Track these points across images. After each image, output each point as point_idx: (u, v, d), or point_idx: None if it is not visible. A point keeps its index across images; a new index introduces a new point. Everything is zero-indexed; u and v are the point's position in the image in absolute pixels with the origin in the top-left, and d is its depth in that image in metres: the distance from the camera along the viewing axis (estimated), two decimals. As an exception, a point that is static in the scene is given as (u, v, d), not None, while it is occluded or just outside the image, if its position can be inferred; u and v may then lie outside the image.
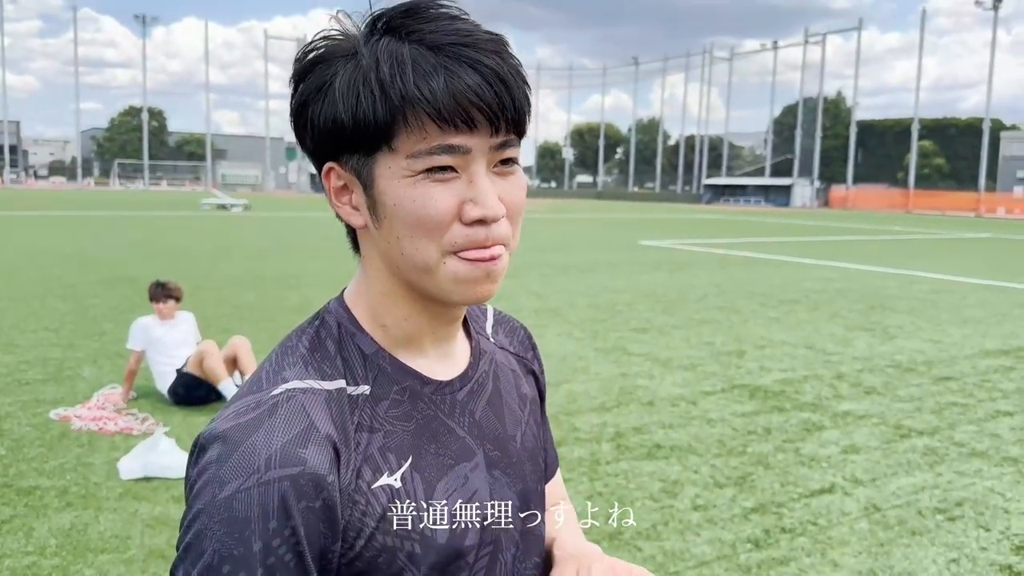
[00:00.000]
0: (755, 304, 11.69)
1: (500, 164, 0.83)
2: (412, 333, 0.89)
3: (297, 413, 0.80)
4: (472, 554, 0.88)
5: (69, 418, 5.53)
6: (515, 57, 0.81)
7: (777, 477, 4.80)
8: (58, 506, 4.14)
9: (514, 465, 0.95)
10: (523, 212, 0.86)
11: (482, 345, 1.00)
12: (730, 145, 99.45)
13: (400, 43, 0.78)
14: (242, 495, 0.75)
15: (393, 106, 0.76)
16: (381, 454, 0.83)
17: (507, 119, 0.79)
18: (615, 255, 19.24)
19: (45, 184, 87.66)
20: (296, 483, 0.76)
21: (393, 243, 0.82)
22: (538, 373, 1.11)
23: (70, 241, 19.16)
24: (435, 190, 0.79)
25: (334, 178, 0.84)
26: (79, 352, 7.54)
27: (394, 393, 0.87)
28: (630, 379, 7.07)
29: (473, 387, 0.94)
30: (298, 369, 0.84)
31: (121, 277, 12.73)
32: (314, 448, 0.78)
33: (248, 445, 0.77)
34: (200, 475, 0.78)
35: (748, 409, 6.23)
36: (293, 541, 0.76)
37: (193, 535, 0.77)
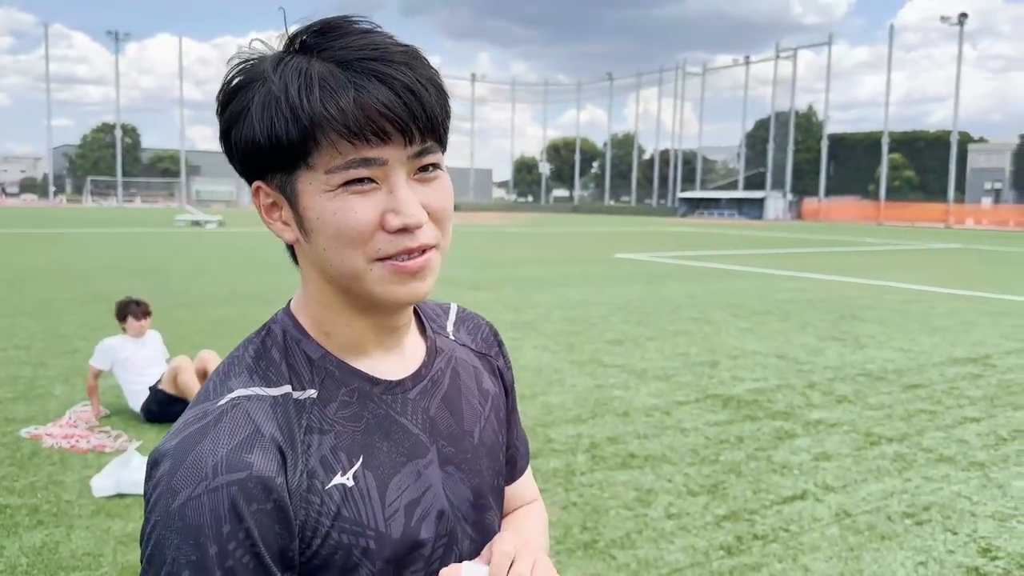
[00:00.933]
0: (728, 315, 11.80)
1: (421, 171, 0.85)
2: (356, 339, 0.92)
3: (242, 420, 0.82)
4: (427, 547, 0.90)
5: (40, 436, 5.47)
6: (429, 67, 0.83)
7: (749, 485, 4.85)
8: (29, 524, 4.10)
9: (469, 461, 0.98)
10: (450, 214, 0.89)
11: (439, 343, 1.03)
12: (704, 159, 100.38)
13: (311, 62, 0.80)
14: (193, 503, 0.77)
15: (303, 127, 0.79)
16: (333, 454, 0.86)
17: (420, 128, 0.82)
18: (590, 268, 19.33)
19: (16, 201, 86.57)
20: (244, 487, 0.78)
21: (322, 255, 0.85)
22: (503, 369, 1.13)
23: (41, 258, 18.94)
24: (354, 202, 0.81)
25: (262, 196, 0.87)
26: (50, 370, 7.46)
27: (342, 395, 0.89)
28: (605, 390, 7.11)
29: (427, 385, 0.97)
30: (243, 378, 0.87)
31: (94, 294, 12.60)
32: (259, 452, 0.80)
33: (195, 454, 0.79)
34: (154, 489, 0.80)
35: (721, 418, 6.30)
36: (248, 543, 0.78)
37: (153, 546, 0.79)
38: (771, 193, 78.80)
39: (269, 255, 21.52)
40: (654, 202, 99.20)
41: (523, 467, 1.17)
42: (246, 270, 17.15)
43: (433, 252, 0.87)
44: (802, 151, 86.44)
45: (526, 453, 1.18)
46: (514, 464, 1.15)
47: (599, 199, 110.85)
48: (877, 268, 20.96)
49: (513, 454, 1.14)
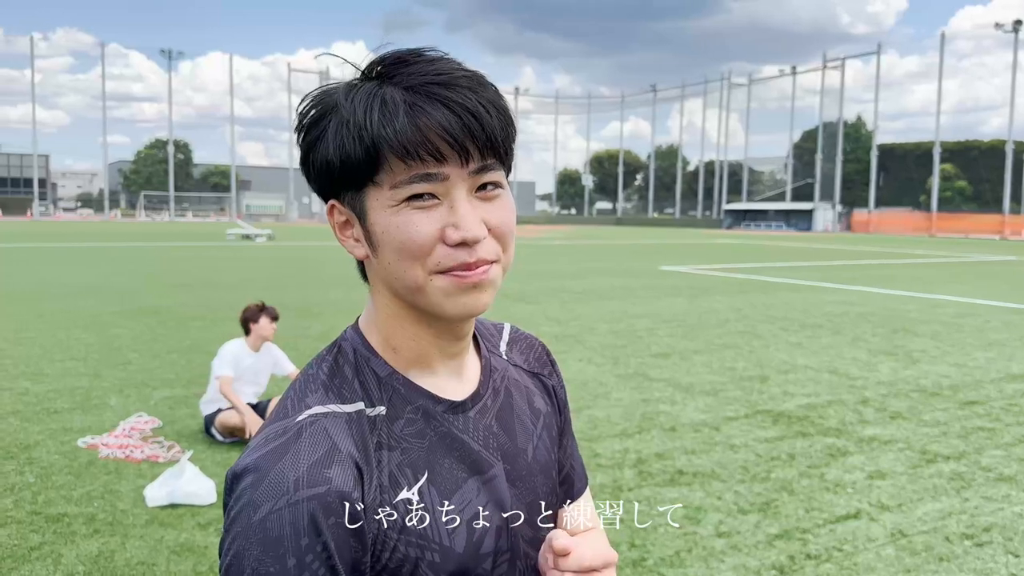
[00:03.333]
0: (777, 329, 11.63)
1: (482, 188, 0.88)
2: (421, 353, 0.95)
3: (320, 436, 0.86)
4: (488, 561, 0.93)
5: (97, 446, 5.60)
6: (493, 92, 0.88)
7: (802, 503, 4.76)
8: (86, 533, 4.19)
9: (524, 478, 1.00)
10: (512, 230, 0.92)
11: (493, 363, 1.05)
12: (750, 170, 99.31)
13: (380, 88, 0.85)
14: (274, 516, 0.80)
15: (367, 146, 0.84)
16: (399, 470, 0.89)
17: (479, 148, 0.85)
18: (635, 281, 19.22)
19: (73, 216, 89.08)
20: (323, 501, 0.81)
21: (387, 268, 0.89)
22: (556, 387, 1.14)
23: (96, 272, 19.45)
24: (416, 217, 0.86)
25: (336, 214, 0.92)
26: (105, 381, 7.64)
27: (408, 412, 0.93)
28: (652, 405, 7.05)
29: (484, 404, 0.99)
30: (319, 395, 0.90)
31: (145, 308, 12.90)
32: (338, 468, 0.84)
33: (277, 470, 0.82)
34: (236, 502, 0.84)
35: (771, 434, 6.19)
36: (325, 556, 0.81)
37: (232, 557, 0.82)
38: (820, 204, 77.66)
39: (316, 269, 21.81)
40: (699, 214, 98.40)
41: (581, 489, 1.17)
42: (294, 283, 17.40)
43: (493, 267, 0.90)
44: (851, 162, 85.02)
45: (583, 475, 1.19)
46: (572, 484, 1.15)
47: (643, 211, 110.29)
48: (930, 281, 20.49)
49: (569, 473, 1.15)
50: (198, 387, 7.12)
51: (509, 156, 0.90)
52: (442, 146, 0.84)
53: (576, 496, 1.16)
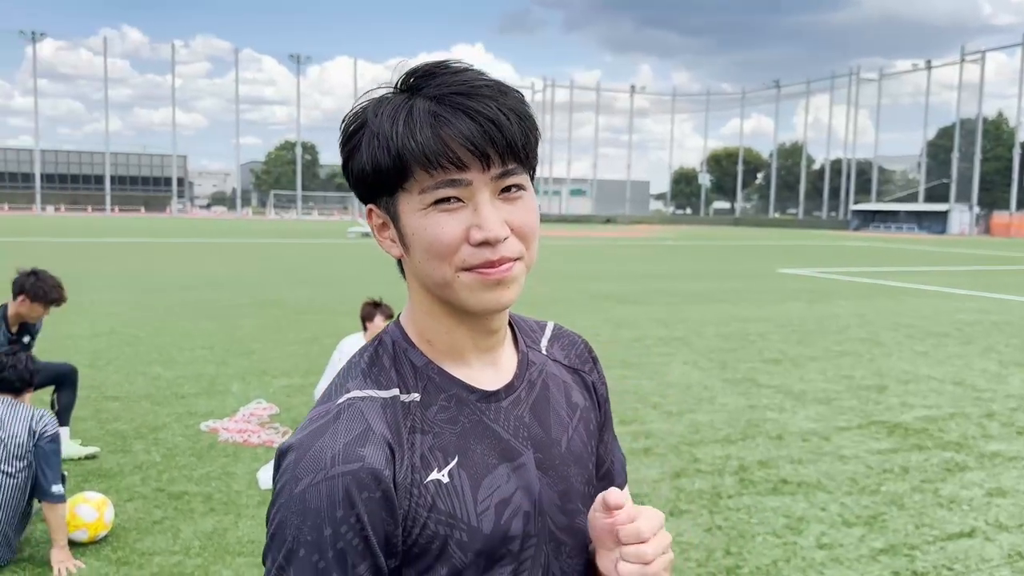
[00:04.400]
0: (901, 336, 11.10)
1: (505, 191, 0.93)
2: (455, 346, 1.01)
3: (357, 418, 0.93)
4: (516, 543, 0.97)
5: (217, 430, 5.95)
6: (515, 99, 0.92)
7: (912, 518, 4.55)
8: (203, 511, 4.47)
9: (557, 467, 1.04)
10: (534, 229, 0.96)
11: (531, 357, 1.09)
12: (880, 169, 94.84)
13: (408, 100, 0.91)
14: (313, 489, 0.88)
15: (393, 156, 0.90)
16: (431, 452, 0.95)
17: (499, 153, 0.90)
18: (750, 283, 18.72)
19: (207, 213, 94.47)
20: (357, 477, 0.88)
21: (419, 266, 0.95)
22: (597, 384, 1.18)
23: (226, 267, 20.57)
24: (442, 219, 0.91)
25: (374, 217, 0.99)
26: (230, 369, 8.09)
27: (441, 400, 0.98)
28: (758, 411, 6.87)
29: (519, 395, 1.04)
30: (358, 381, 0.98)
31: (270, 300, 13.55)
32: (371, 447, 0.90)
33: (317, 447, 0.90)
34: (281, 476, 0.92)
35: (885, 446, 5.93)
36: (359, 527, 0.88)
37: (276, 525, 0.90)
38: (955, 206, 73.37)
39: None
40: (823, 214, 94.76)
41: (620, 484, 1.20)
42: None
43: (516, 264, 0.94)
44: (990, 160, 79.82)
45: (622, 472, 1.22)
46: (611, 480, 1.18)
47: (763, 211, 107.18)
48: (1077, 289, 19.01)
49: (610, 469, 1.19)
50: (315, 376, 7.45)
51: (531, 159, 0.94)
52: (463, 154, 0.89)
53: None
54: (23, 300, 4.98)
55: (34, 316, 5.06)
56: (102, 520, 4.00)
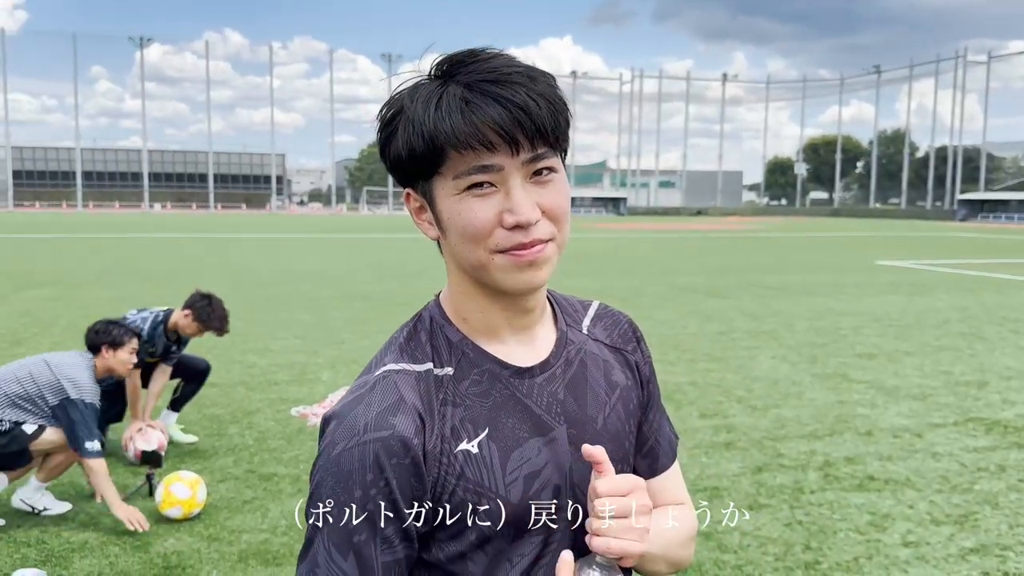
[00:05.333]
0: (1006, 331, 10.56)
1: (536, 174, 0.96)
2: (490, 324, 1.05)
3: (390, 389, 0.99)
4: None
5: (307, 416, 6.18)
6: (546, 84, 0.95)
7: (1006, 518, 4.35)
8: (291, 492, 4.67)
9: (591, 442, 1.05)
10: (565, 211, 0.99)
11: (570, 336, 1.12)
12: (989, 156, 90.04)
13: (441, 86, 0.94)
14: (347, 453, 0.95)
15: (427, 139, 0.93)
16: (461, 424, 1.00)
17: (528, 138, 0.93)
18: (845, 276, 18.12)
19: (304, 210, 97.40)
20: (387, 443, 0.94)
21: (455, 248, 1.00)
22: (640, 363, 1.19)
23: (320, 261, 21.21)
24: (475, 204, 0.95)
25: (412, 201, 1.03)
26: (320, 358, 8.37)
27: (474, 374, 1.03)
28: (848, 407, 6.68)
29: (553, 372, 1.07)
30: (395, 355, 1.04)
31: (359, 293, 13.92)
32: (402, 416, 0.96)
33: (353, 415, 0.97)
34: (322, 441, 0.99)
35: (982, 444, 5.68)
36: (387, 491, 0.94)
37: (315, 484, 0.98)
38: (1073, 194, 68.97)
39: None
40: (928, 204, 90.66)
41: (665, 464, 1.21)
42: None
43: (548, 245, 0.97)
44: (1116, 145, 74.67)
45: (670, 451, 1.22)
46: (655, 458, 1.19)
47: (863, 201, 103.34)
48: None
49: (654, 447, 1.19)
50: (397, 367, 7.63)
51: (562, 142, 0.97)
52: (493, 138, 0.92)
53: (660, 471, 1.20)
54: (187, 316, 5.16)
55: (190, 333, 5.25)
56: (195, 498, 4.22)
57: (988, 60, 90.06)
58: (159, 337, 5.23)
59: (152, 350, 5.23)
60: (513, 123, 0.92)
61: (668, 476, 1.21)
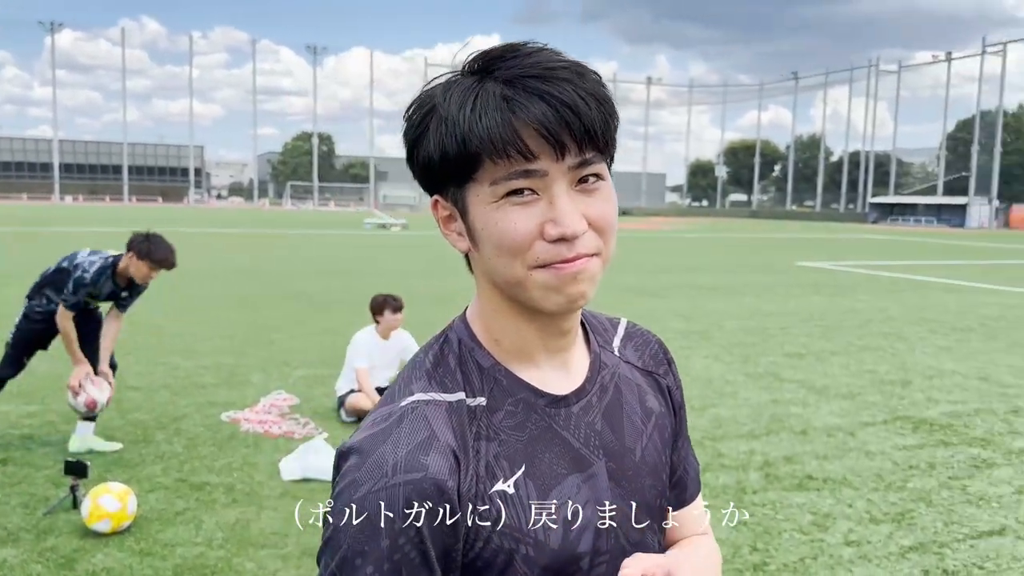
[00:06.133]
0: (924, 331, 10.97)
1: (582, 182, 0.87)
2: (524, 346, 0.95)
3: (421, 423, 0.87)
4: (586, 560, 0.91)
5: (238, 420, 5.95)
6: (594, 82, 0.85)
7: (940, 515, 4.48)
8: (225, 502, 4.46)
9: (630, 478, 0.97)
10: (613, 223, 0.89)
11: (603, 359, 1.02)
12: (899, 162, 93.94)
13: (478, 83, 0.85)
14: (372, 496, 0.83)
15: (460, 143, 0.83)
16: (496, 461, 0.89)
17: (576, 141, 0.83)
18: (769, 277, 18.59)
19: (224, 204, 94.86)
20: (419, 487, 0.83)
21: (488, 263, 0.89)
22: (672, 388, 1.11)
23: (245, 257, 20.64)
24: (514, 213, 0.85)
25: (440, 209, 0.93)
26: (250, 359, 8.09)
27: (508, 404, 0.92)
28: (782, 406, 6.80)
29: (590, 400, 0.97)
30: (423, 383, 0.92)
31: (289, 292, 13.57)
32: (435, 455, 0.85)
33: (379, 453, 0.85)
34: (341, 479, 0.87)
35: (911, 442, 5.86)
36: (417, 540, 0.83)
37: (333, 530, 0.86)
38: (975, 199, 72.62)
39: (450, 259, 22.29)
40: (841, 207, 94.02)
41: (693, 494, 1.13)
42: (427, 272, 17.87)
43: (593, 260, 0.88)
44: (1011, 154, 78.90)
45: (696, 480, 1.15)
46: (684, 488, 1.11)
47: (780, 203, 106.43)
48: (1102, 283, 18.75)
49: (682, 477, 1.11)
50: (334, 368, 7.44)
51: (611, 147, 0.88)
52: (535, 143, 0.82)
53: (688, 501, 1.12)
54: (131, 257, 4.99)
55: (140, 275, 5.04)
56: (125, 510, 3.99)
57: (899, 70, 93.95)
58: (105, 281, 5.03)
59: (95, 293, 5.02)
60: (560, 123, 0.82)
61: (695, 506, 1.13)
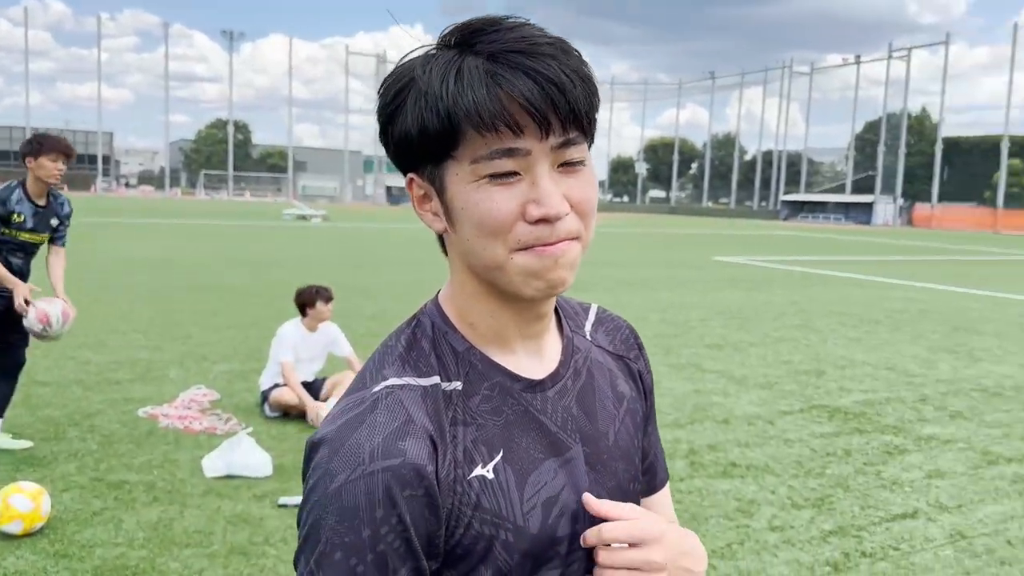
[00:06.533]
0: (834, 323, 11.40)
1: (565, 163, 0.85)
2: (499, 330, 0.93)
3: (396, 408, 0.85)
4: (563, 545, 0.90)
5: (157, 416, 5.75)
6: (578, 59, 0.84)
7: (857, 500, 4.66)
8: (146, 500, 4.31)
9: (605, 462, 0.97)
10: (594, 207, 0.88)
11: (576, 343, 1.02)
12: (809, 161, 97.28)
13: (460, 56, 0.82)
14: (350, 486, 0.80)
15: (443, 118, 0.81)
16: (474, 446, 0.88)
17: (561, 120, 0.81)
18: (688, 271, 19.02)
19: (134, 192, 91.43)
20: (398, 473, 0.80)
21: (466, 244, 0.87)
22: (643, 372, 1.10)
23: (158, 248, 19.94)
24: (497, 193, 0.83)
25: (415, 187, 0.90)
26: (166, 354, 7.83)
27: (484, 389, 0.91)
28: (704, 396, 6.97)
29: (564, 384, 0.96)
30: (396, 367, 0.89)
31: (206, 284, 13.18)
32: (412, 440, 0.83)
33: (353, 440, 0.82)
34: (314, 472, 0.83)
35: (827, 430, 6.08)
36: (400, 528, 0.80)
37: (310, 526, 0.82)
38: (880, 197, 75.84)
39: (371, 251, 22.05)
40: (755, 204, 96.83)
41: (663, 480, 1.14)
42: (349, 264, 17.61)
43: (574, 244, 0.86)
44: (914, 154, 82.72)
45: (665, 466, 1.15)
46: (654, 474, 1.11)
47: (697, 200, 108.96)
48: (995, 279, 19.85)
49: (652, 463, 1.11)
50: (256, 362, 7.27)
51: (592, 128, 0.86)
52: (521, 118, 0.80)
53: (659, 487, 1.12)
54: (28, 161, 4.79)
55: (46, 173, 4.81)
56: (39, 511, 3.81)
57: (811, 72, 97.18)
58: (19, 201, 4.82)
59: (13, 217, 4.80)
60: (545, 100, 0.79)
61: (664, 493, 1.14)
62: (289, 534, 3.95)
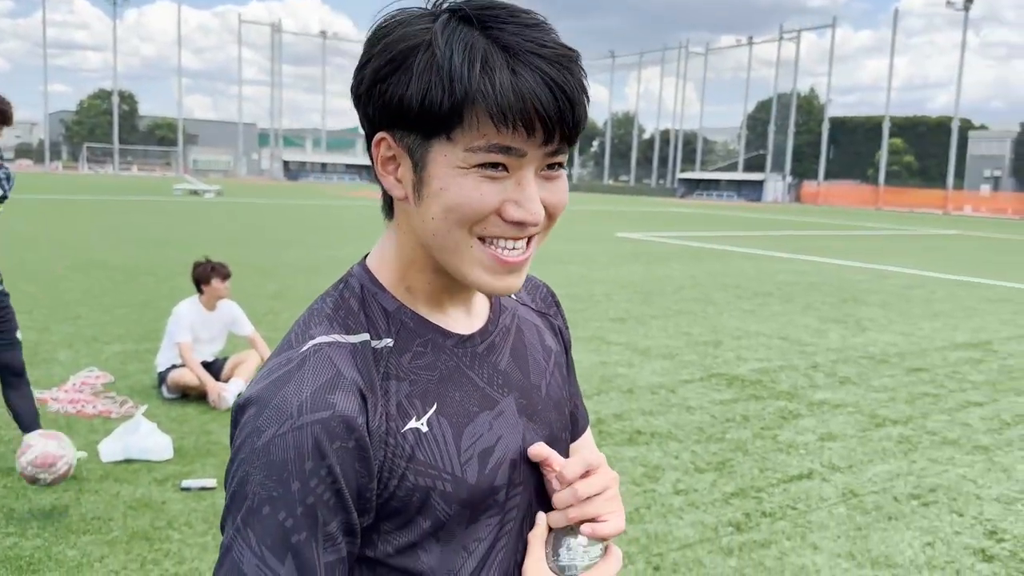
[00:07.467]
0: (730, 296, 11.82)
1: (548, 168, 0.87)
2: (432, 293, 0.95)
3: (324, 363, 0.84)
4: (501, 493, 0.93)
5: (46, 400, 5.46)
6: (583, 72, 0.85)
7: (756, 463, 4.87)
8: (38, 487, 4.09)
9: (539, 412, 1.00)
10: (563, 211, 0.91)
11: (503, 301, 1.05)
12: (704, 140, 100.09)
13: (480, 38, 0.81)
14: (278, 440, 0.80)
15: (457, 100, 0.79)
16: (408, 400, 0.88)
17: (563, 132, 0.83)
18: (592, 246, 19.33)
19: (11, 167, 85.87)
20: (328, 426, 0.80)
21: (428, 222, 0.86)
22: (562, 328, 1.16)
23: (40, 225, 18.85)
24: (484, 186, 0.83)
25: (384, 148, 0.88)
26: (54, 336, 7.45)
27: (417, 345, 0.92)
28: (610, 367, 7.12)
29: (494, 340, 0.99)
30: (324, 326, 0.89)
31: (94, 262, 12.57)
32: (342, 394, 0.83)
33: (281, 396, 0.82)
34: (241, 431, 0.83)
35: (726, 397, 6.32)
36: (330, 480, 0.80)
37: (236, 484, 0.81)
38: (770, 175, 78.69)
39: (270, 228, 21.46)
40: (653, 182, 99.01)
41: (584, 426, 1.19)
42: (247, 241, 17.10)
43: (531, 248, 0.89)
44: (803, 133, 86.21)
45: (586, 414, 1.21)
46: (576, 422, 1.17)
47: (598, 178, 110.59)
48: (877, 253, 20.98)
49: (574, 412, 1.17)
50: (150, 343, 7.00)
51: (576, 142, 0.89)
52: (535, 121, 0.81)
53: (581, 432, 1.18)
54: None
55: None
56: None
57: (706, 52, 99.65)
58: None
59: None
60: (557, 112, 0.81)
61: (586, 438, 1.20)
62: (193, 517, 3.83)
